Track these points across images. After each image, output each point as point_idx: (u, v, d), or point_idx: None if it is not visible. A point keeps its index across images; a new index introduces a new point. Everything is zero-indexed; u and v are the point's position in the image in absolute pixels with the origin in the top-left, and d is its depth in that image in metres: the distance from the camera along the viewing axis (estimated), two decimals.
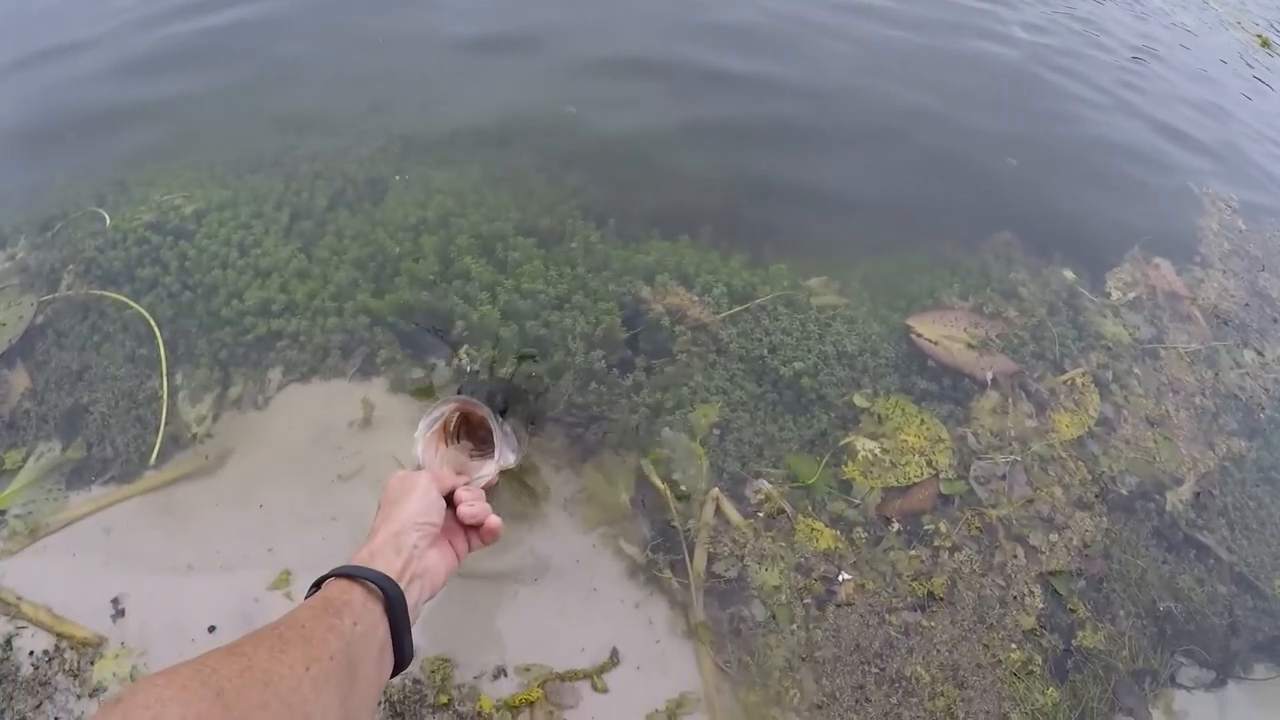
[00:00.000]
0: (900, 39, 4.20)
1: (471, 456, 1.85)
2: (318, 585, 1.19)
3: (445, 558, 1.45)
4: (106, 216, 2.67)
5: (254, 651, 0.91)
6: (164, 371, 2.27)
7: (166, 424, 2.18)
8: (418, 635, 1.78)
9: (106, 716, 0.74)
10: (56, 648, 1.78)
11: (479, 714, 1.75)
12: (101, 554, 1.95)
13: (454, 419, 1.83)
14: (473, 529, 1.55)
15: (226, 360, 2.34)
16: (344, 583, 1.15)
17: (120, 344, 2.36)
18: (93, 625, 1.82)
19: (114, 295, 2.43)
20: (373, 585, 1.16)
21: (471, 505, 1.52)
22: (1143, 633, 2.20)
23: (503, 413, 1.88)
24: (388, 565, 1.24)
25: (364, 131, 3.12)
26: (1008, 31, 4.51)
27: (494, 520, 1.54)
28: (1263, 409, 2.78)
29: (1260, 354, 2.95)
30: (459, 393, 1.82)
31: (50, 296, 2.47)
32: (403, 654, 1.19)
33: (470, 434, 1.88)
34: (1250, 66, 5.03)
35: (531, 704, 1.77)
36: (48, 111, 3.31)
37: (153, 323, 2.35)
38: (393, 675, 1.19)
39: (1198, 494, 2.49)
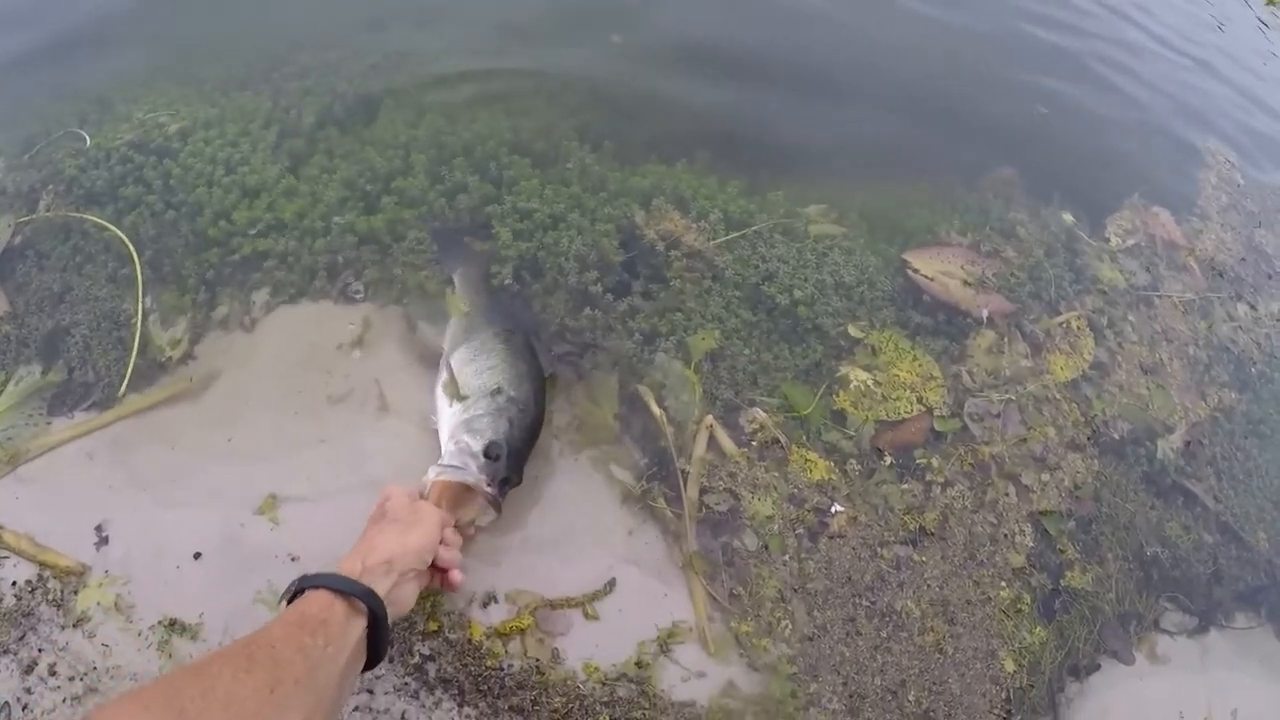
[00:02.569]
0: None
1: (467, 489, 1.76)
2: (300, 591, 1.20)
3: (419, 587, 1.48)
4: (87, 136, 2.53)
5: (219, 672, 0.92)
6: (139, 295, 2.16)
7: (141, 349, 2.07)
8: None
9: None
10: (39, 577, 1.70)
11: (469, 641, 1.70)
12: (84, 481, 1.86)
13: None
14: (440, 570, 1.57)
15: (213, 281, 2.23)
16: (326, 597, 1.15)
17: (103, 265, 2.24)
18: (76, 554, 1.74)
19: (92, 217, 2.30)
20: (358, 602, 1.17)
21: (451, 551, 1.56)
22: (1129, 576, 2.20)
23: (504, 482, 1.76)
24: (377, 586, 1.25)
25: (357, 48, 2.97)
26: None
27: (458, 576, 1.58)
28: (1254, 363, 2.78)
29: (1254, 308, 2.93)
30: (488, 455, 1.72)
31: (29, 217, 2.33)
32: (376, 657, 1.22)
33: None
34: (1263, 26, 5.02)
35: (522, 631, 1.73)
36: (29, 27, 3.11)
37: (130, 245, 2.23)
38: (366, 669, 1.23)
39: (1188, 442, 2.48)
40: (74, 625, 1.64)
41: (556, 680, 1.68)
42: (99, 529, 1.77)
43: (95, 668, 1.58)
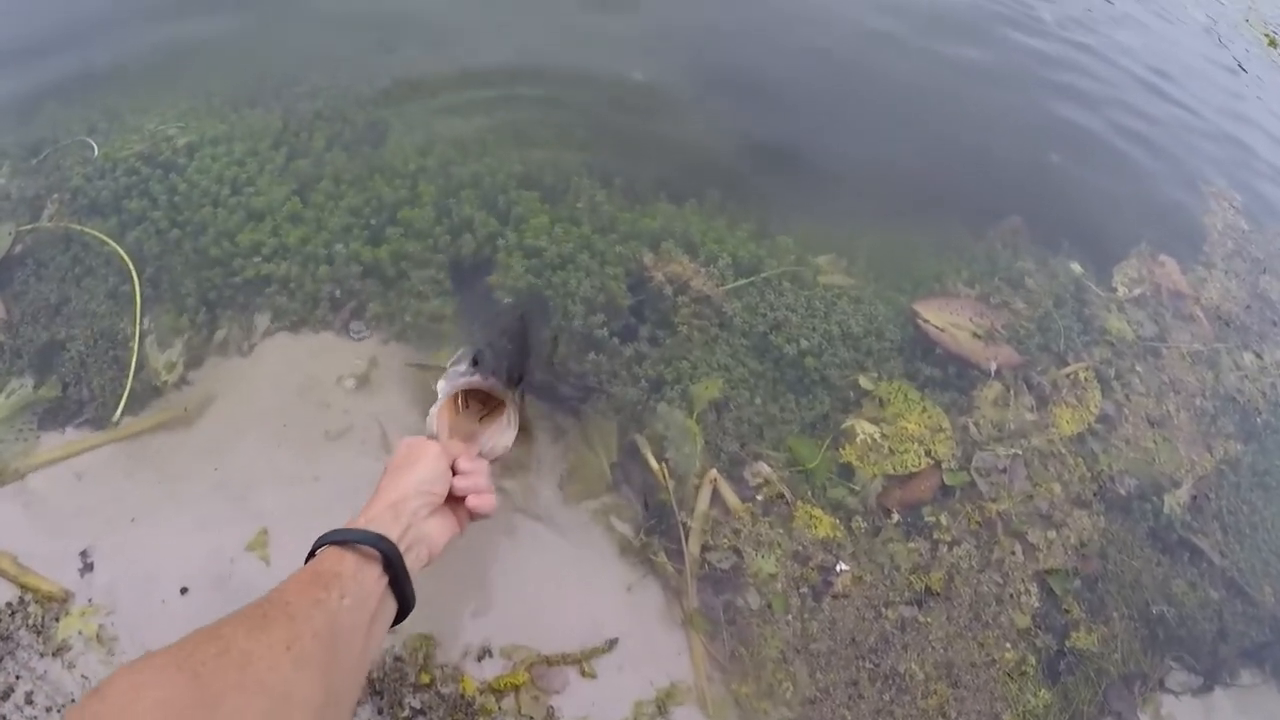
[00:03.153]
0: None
1: (481, 420, 1.74)
2: (314, 552, 1.17)
3: (446, 525, 1.41)
4: (95, 146, 2.51)
5: (233, 633, 0.89)
6: (138, 315, 2.13)
7: (137, 370, 2.04)
8: None
9: (85, 705, 0.73)
10: (20, 600, 1.66)
11: (461, 696, 1.66)
12: (72, 502, 1.83)
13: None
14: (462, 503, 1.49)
15: (214, 302, 2.20)
16: (335, 551, 1.12)
17: (102, 279, 2.21)
18: (59, 578, 1.70)
19: (93, 232, 2.27)
20: (367, 548, 1.14)
21: (466, 478, 1.46)
22: (1135, 635, 2.17)
23: (519, 381, 1.75)
24: (385, 530, 1.21)
25: (369, 70, 2.95)
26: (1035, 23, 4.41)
27: (488, 500, 1.48)
28: (1259, 413, 2.76)
29: (1259, 357, 2.92)
30: (475, 362, 1.69)
31: (30, 226, 2.31)
32: (405, 603, 1.19)
33: (477, 396, 1.76)
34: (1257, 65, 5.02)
35: (516, 688, 1.69)
36: (43, 30, 3.09)
37: (130, 263, 2.20)
38: (395, 623, 1.19)
39: (1194, 497, 2.46)
40: (54, 654, 1.60)
41: None
42: (84, 554, 1.74)
43: (73, 699, 1.54)
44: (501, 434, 1.70)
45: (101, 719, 0.71)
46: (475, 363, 1.70)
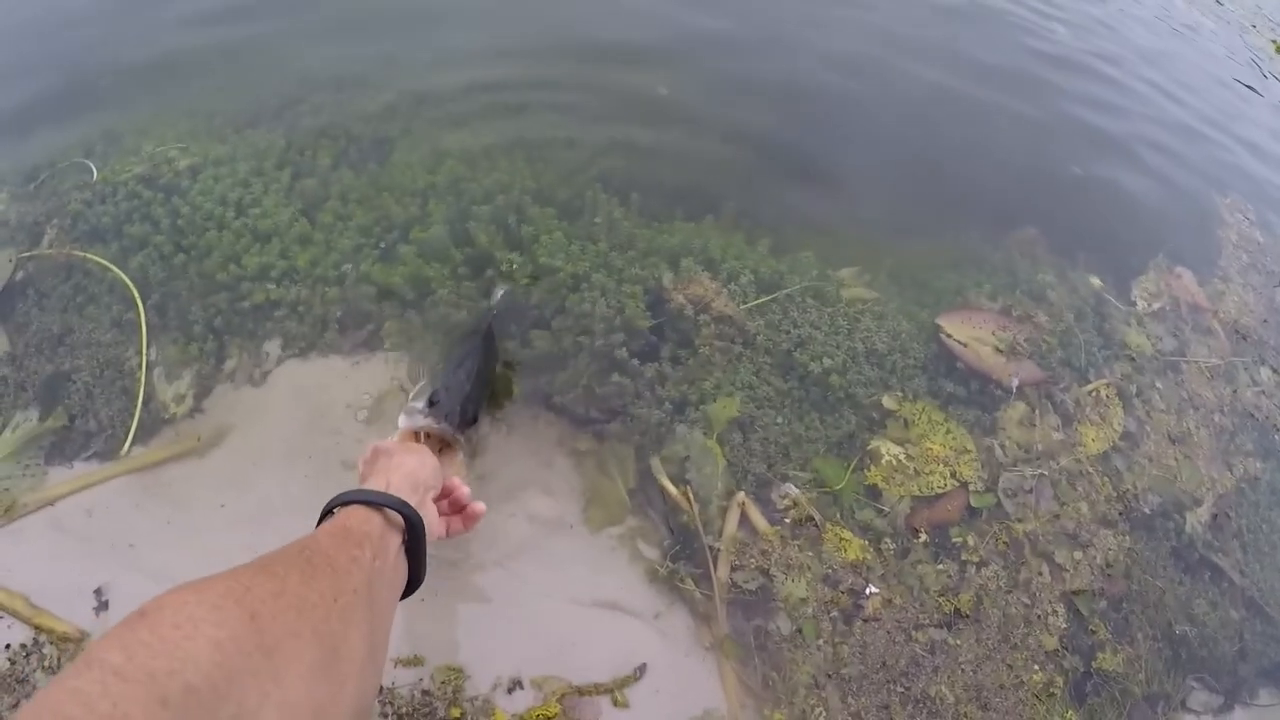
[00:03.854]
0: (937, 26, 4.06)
1: (439, 452, 1.72)
2: (330, 510, 1.14)
3: (439, 521, 1.43)
4: (94, 168, 2.46)
5: (286, 574, 0.85)
6: (143, 345, 2.09)
7: (145, 401, 2.01)
8: (428, 637, 1.68)
9: (132, 632, 0.65)
10: (35, 641, 1.63)
11: None
12: (83, 538, 1.79)
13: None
14: (457, 513, 1.51)
15: (221, 329, 2.17)
16: (363, 511, 1.10)
17: (106, 307, 2.17)
18: (73, 618, 1.67)
19: (96, 258, 2.23)
20: (393, 513, 1.13)
21: (463, 487, 1.50)
22: (1158, 656, 2.16)
23: (473, 421, 1.80)
24: (405, 497, 1.19)
25: (372, 86, 2.91)
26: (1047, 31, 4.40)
27: (479, 505, 1.51)
28: (1277, 429, 2.75)
29: (1276, 372, 2.91)
30: (432, 403, 1.69)
31: (31, 253, 2.26)
32: (417, 576, 1.17)
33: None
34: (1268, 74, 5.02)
35: (549, 719, 1.66)
36: (38, 52, 3.04)
37: (134, 290, 2.17)
38: (405, 595, 1.17)
39: (1215, 515, 2.45)
40: (71, 655, 1.59)
41: None
42: (98, 592, 1.71)
43: None
44: (451, 467, 1.70)
45: (152, 651, 0.64)
46: (432, 403, 1.71)
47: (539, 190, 2.55)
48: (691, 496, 2.01)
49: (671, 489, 2.02)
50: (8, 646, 1.62)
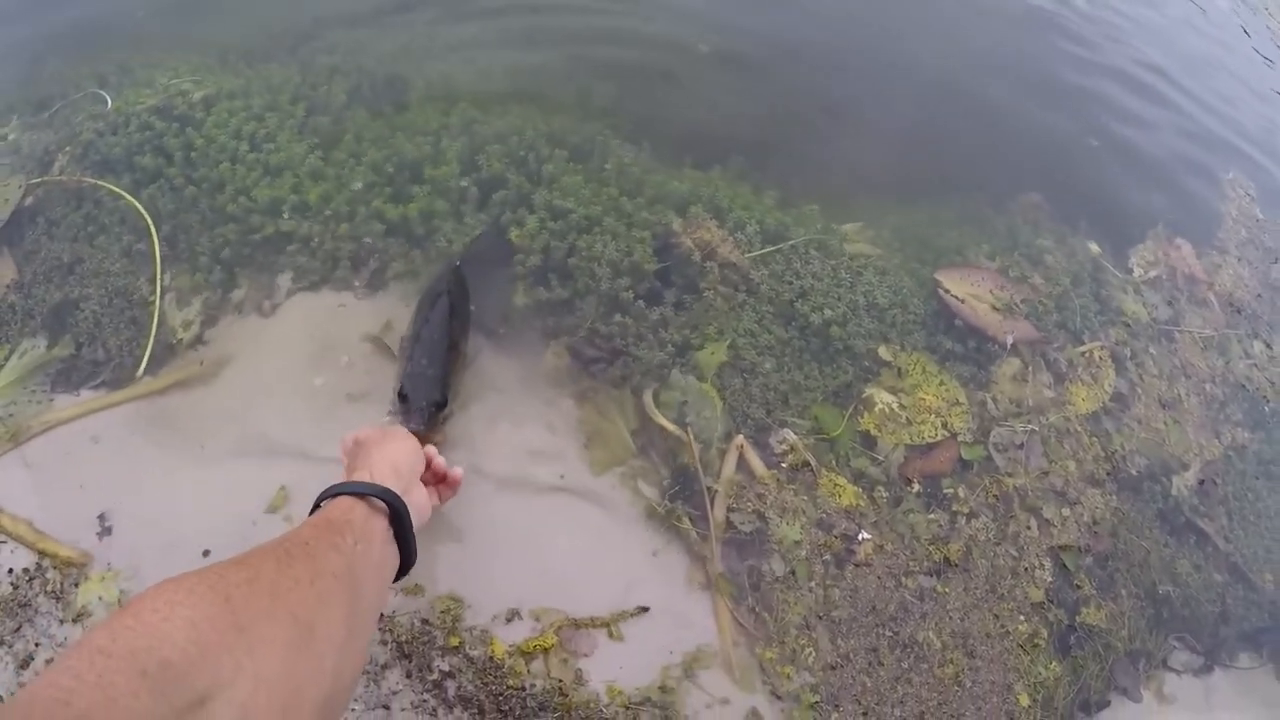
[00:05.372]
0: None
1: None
2: (318, 504, 1.19)
3: (428, 497, 1.47)
4: (108, 98, 2.44)
5: (260, 564, 0.90)
6: (158, 271, 2.09)
7: (158, 330, 2.01)
8: (429, 568, 1.70)
9: (117, 620, 0.72)
10: (38, 566, 1.64)
11: (490, 659, 1.66)
12: (88, 465, 1.80)
13: None
14: (440, 483, 1.58)
15: (230, 261, 2.16)
16: (346, 501, 1.14)
17: (116, 237, 2.17)
18: (78, 543, 1.68)
19: (109, 185, 2.22)
20: (376, 500, 1.17)
21: (439, 458, 1.56)
22: (1141, 614, 2.20)
23: (443, 405, 1.82)
24: (391, 487, 1.24)
25: (386, 27, 2.89)
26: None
27: (457, 470, 1.59)
28: (1267, 401, 2.78)
29: (1269, 346, 2.94)
30: (402, 396, 1.76)
31: (40, 179, 2.25)
32: (408, 558, 1.21)
33: None
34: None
35: (546, 650, 1.69)
36: None
37: (149, 220, 2.16)
38: (397, 579, 1.21)
39: (1201, 481, 2.48)
40: (74, 620, 1.58)
41: (579, 703, 1.65)
42: (102, 518, 1.71)
43: None
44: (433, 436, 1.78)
45: (134, 633, 0.71)
46: (402, 396, 1.77)
47: (550, 134, 2.54)
48: (691, 437, 2.02)
49: (670, 426, 2.04)
50: (10, 571, 1.63)
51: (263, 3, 2.98)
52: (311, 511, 1.18)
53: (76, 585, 1.62)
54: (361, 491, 1.17)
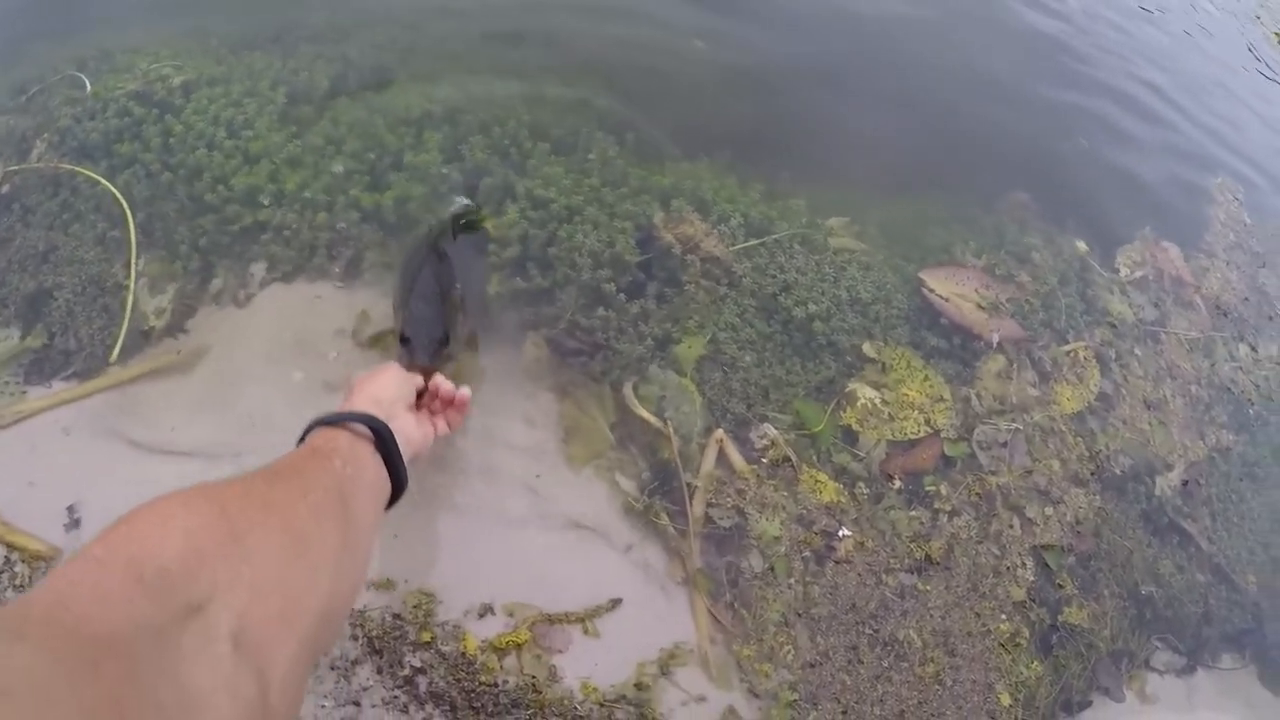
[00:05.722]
0: None
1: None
2: (303, 438, 1.17)
3: (422, 426, 1.42)
4: (88, 82, 2.40)
5: (253, 480, 0.90)
6: (133, 257, 2.05)
7: (131, 318, 1.98)
8: (401, 562, 1.67)
9: (113, 531, 0.72)
10: (6, 560, 1.61)
11: (463, 655, 1.64)
12: (58, 456, 1.76)
13: None
14: (447, 408, 1.52)
15: (206, 249, 2.13)
16: (328, 431, 1.13)
17: (91, 225, 2.13)
18: (46, 535, 1.65)
19: (86, 171, 2.18)
20: (358, 427, 1.15)
21: (446, 383, 1.50)
22: (1124, 614, 2.19)
23: (446, 341, 1.76)
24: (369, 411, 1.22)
25: (370, 15, 2.85)
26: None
27: (464, 390, 1.51)
28: (1252, 404, 2.77)
29: (1254, 350, 2.93)
30: (404, 340, 1.71)
31: (17, 167, 2.21)
32: (399, 481, 1.19)
33: None
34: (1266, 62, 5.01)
35: (519, 646, 1.67)
36: None
37: (125, 206, 2.12)
38: (390, 505, 1.19)
39: (1185, 482, 2.47)
40: None
41: (553, 700, 1.63)
42: (71, 510, 1.68)
43: None
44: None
45: (130, 542, 0.70)
46: (403, 340, 1.72)
47: (534, 124, 2.51)
48: (671, 431, 1.99)
49: (651, 419, 2.02)
50: None
51: None
52: (299, 443, 1.16)
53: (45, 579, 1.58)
54: (341, 420, 1.15)
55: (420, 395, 1.47)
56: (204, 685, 0.64)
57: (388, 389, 1.36)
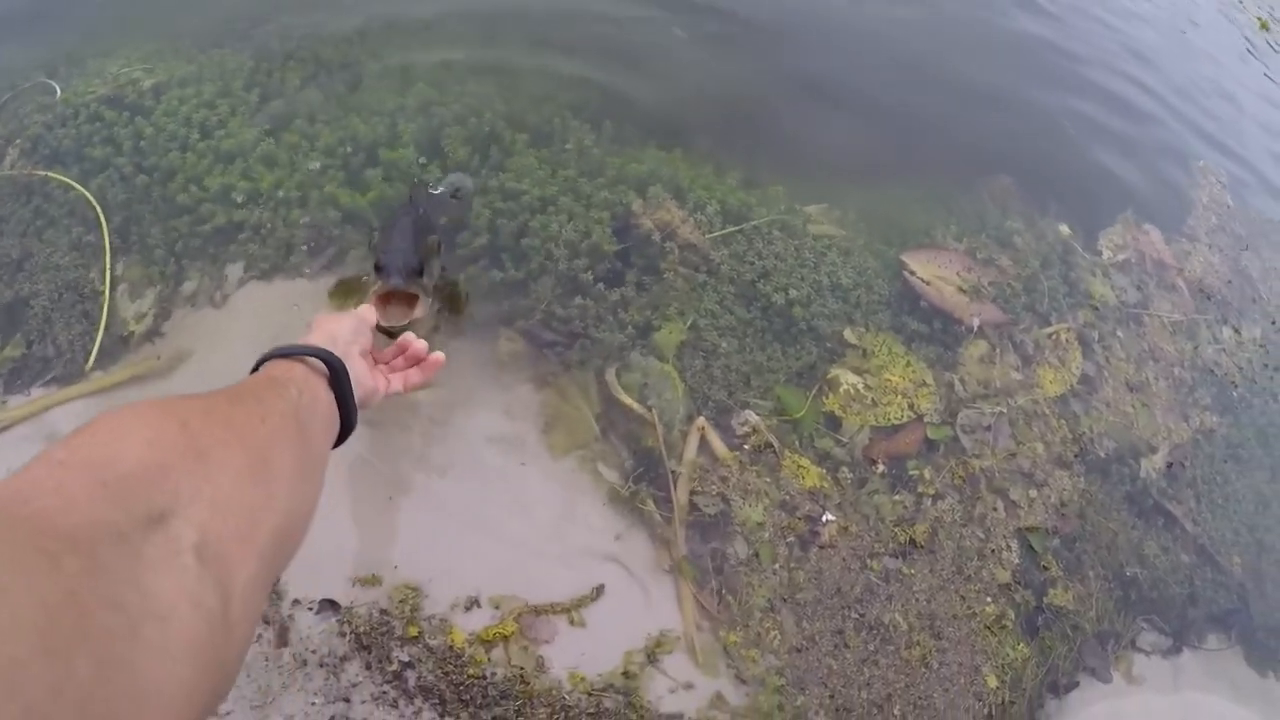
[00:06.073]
0: None
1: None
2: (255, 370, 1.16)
3: (375, 376, 1.40)
4: (58, 88, 2.38)
5: (212, 398, 0.89)
6: (108, 262, 2.03)
7: (108, 323, 1.96)
8: (385, 556, 1.66)
9: (75, 436, 0.71)
10: None
11: (450, 648, 1.62)
12: None
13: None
14: (411, 366, 1.48)
15: (181, 252, 2.11)
16: (283, 362, 1.12)
17: (65, 230, 2.11)
18: None
19: (59, 177, 2.16)
20: (313, 360, 1.14)
21: (419, 341, 1.47)
22: (1109, 595, 2.20)
23: (421, 271, 1.76)
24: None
25: (342, 9, 2.83)
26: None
27: (438, 354, 1.46)
28: (1235, 386, 2.79)
29: (1237, 332, 2.94)
30: (378, 268, 1.72)
31: None
32: (348, 421, 1.18)
33: (399, 299, 1.76)
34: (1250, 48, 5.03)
35: (506, 638, 1.66)
36: None
37: (99, 209, 2.11)
38: (337, 444, 1.16)
39: (1170, 464, 2.48)
40: None
41: (541, 690, 1.61)
42: None
43: None
44: (421, 310, 1.74)
45: (92, 447, 0.69)
46: (378, 268, 1.72)
47: (510, 115, 2.50)
48: (655, 418, 1.99)
49: (635, 406, 2.01)
50: None
51: None
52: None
53: None
54: (297, 353, 1.14)
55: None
56: (166, 592, 0.62)
57: (344, 330, 1.34)
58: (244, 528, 0.76)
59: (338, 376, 1.15)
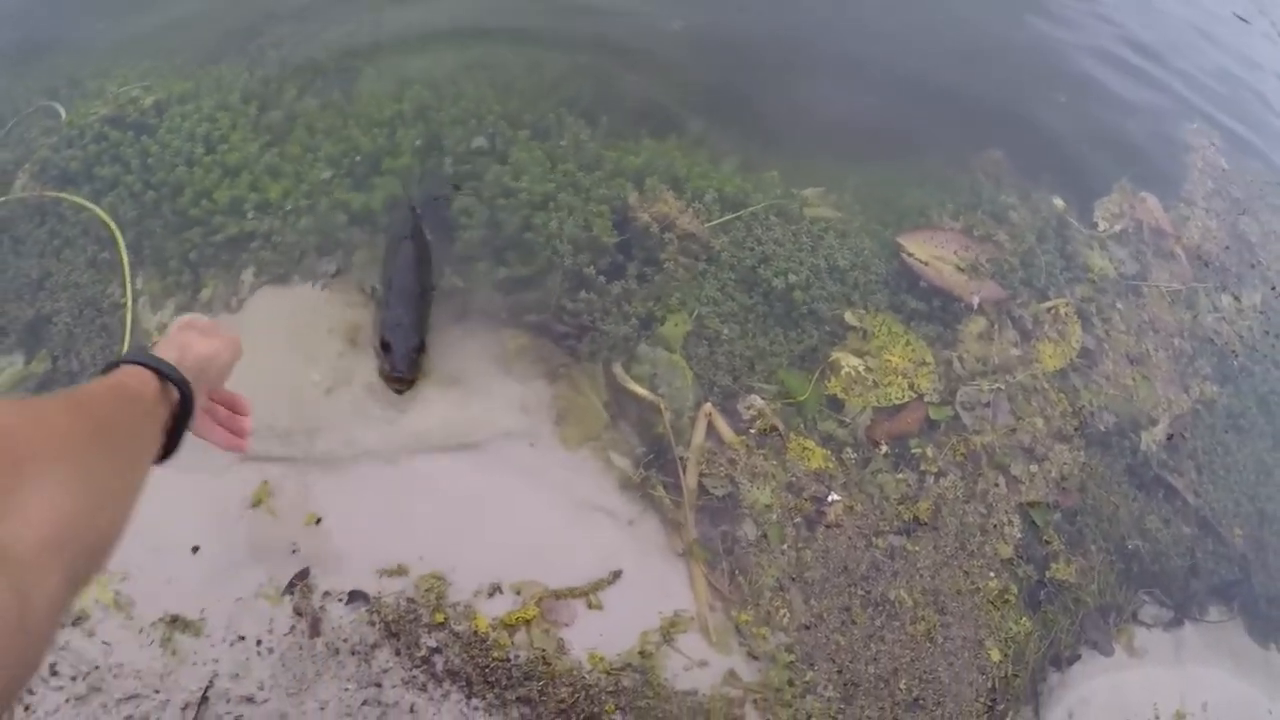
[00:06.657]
0: None
1: None
2: (115, 365, 1.11)
3: (203, 417, 1.31)
4: (61, 111, 2.43)
5: (47, 406, 0.89)
6: (127, 277, 2.09)
7: (131, 334, 2.02)
8: (412, 547, 1.71)
9: None
10: None
11: (475, 633, 1.69)
12: None
13: None
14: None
15: (197, 262, 2.16)
16: (147, 374, 1.10)
17: (81, 249, 2.16)
18: None
19: (71, 197, 2.22)
20: (173, 388, 1.12)
21: (244, 404, 1.41)
22: (1111, 568, 2.23)
23: (422, 348, 1.93)
24: (191, 380, 1.17)
25: (333, 18, 2.86)
26: None
27: (248, 421, 1.39)
28: (1235, 355, 2.80)
29: (1237, 299, 2.96)
30: (385, 346, 1.89)
31: (2, 199, 2.25)
32: (171, 450, 1.14)
33: None
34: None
35: (528, 622, 1.72)
36: None
37: (114, 226, 2.16)
38: (158, 462, 1.12)
39: (1170, 436, 2.50)
40: (73, 623, 1.60)
41: (563, 671, 1.68)
42: None
43: (97, 666, 1.55)
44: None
45: None
46: (384, 346, 1.87)
47: (504, 113, 2.53)
48: (664, 405, 2.04)
49: (645, 394, 2.06)
50: None
51: (208, 5, 2.95)
52: (108, 370, 1.11)
53: None
54: (165, 373, 1.12)
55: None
56: None
57: (215, 365, 1.30)
58: (54, 538, 0.76)
59: (185, 413, 1.15)
